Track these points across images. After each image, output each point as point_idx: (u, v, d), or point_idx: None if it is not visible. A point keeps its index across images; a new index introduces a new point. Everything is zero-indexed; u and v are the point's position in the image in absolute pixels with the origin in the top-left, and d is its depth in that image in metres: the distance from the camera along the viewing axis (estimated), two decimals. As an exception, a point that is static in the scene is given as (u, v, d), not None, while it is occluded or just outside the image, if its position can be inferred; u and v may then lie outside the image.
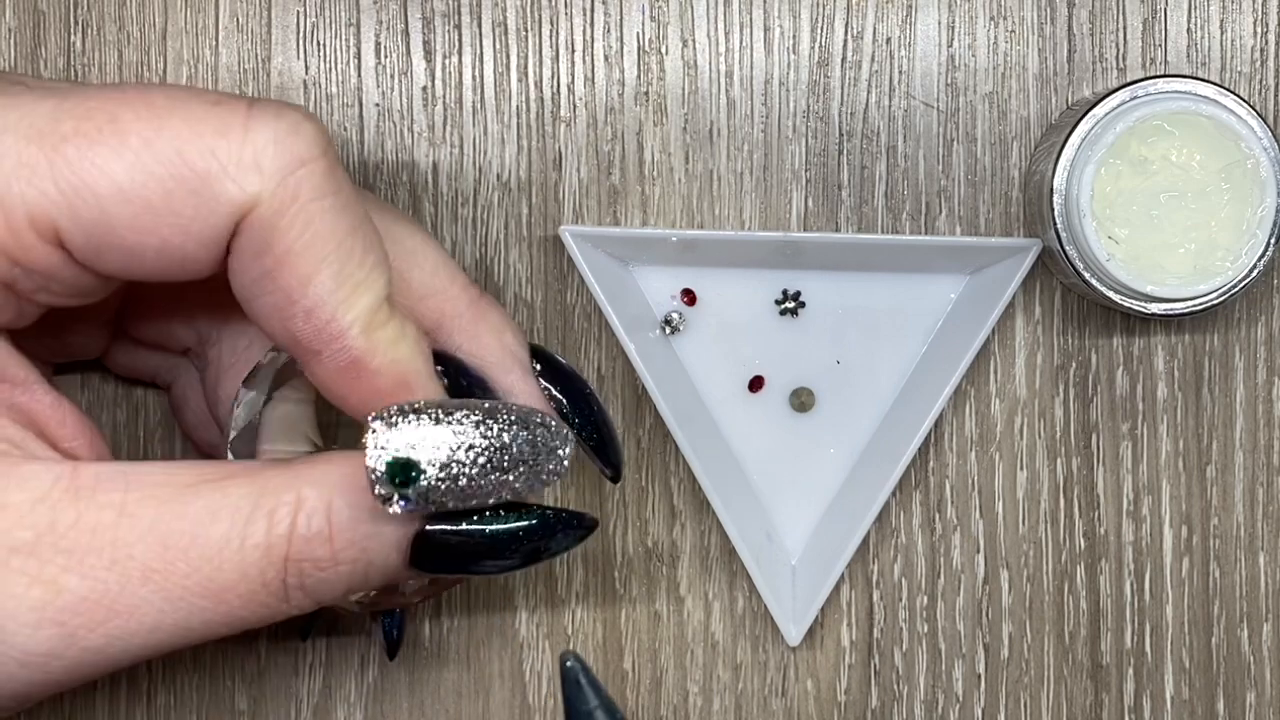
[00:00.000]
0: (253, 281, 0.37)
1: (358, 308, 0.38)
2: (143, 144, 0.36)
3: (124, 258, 0.37)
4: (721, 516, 0.49)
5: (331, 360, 0.38)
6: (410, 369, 0.39)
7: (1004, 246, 0.50)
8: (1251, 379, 0.52)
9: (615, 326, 0.49)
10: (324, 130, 0.37)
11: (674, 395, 0.50)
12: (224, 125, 0.36)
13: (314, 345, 0.38)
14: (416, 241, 0.43)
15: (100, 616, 0.36)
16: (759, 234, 0.50)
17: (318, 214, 0.37)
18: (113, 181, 0.36)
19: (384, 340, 0.38)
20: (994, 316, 0.49)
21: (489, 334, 0.43)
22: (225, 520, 0.37)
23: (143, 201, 0.36)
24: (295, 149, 0.36)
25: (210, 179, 0.36)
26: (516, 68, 0.51)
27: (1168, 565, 0.52)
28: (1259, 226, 0.48)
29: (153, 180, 0.36)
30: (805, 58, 0.51)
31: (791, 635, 0.50)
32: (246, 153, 0.36)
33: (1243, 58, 0.51)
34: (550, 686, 0.51)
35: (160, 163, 0.36)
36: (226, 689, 0.51)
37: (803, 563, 0.51)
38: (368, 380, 0.38)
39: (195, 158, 0.36)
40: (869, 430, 0.51)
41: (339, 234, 0.37)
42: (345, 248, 0.37)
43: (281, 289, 0.37)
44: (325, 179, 0.37)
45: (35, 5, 0.51)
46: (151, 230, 0.36)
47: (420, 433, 0.37)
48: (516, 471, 0.38)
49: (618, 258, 0.50)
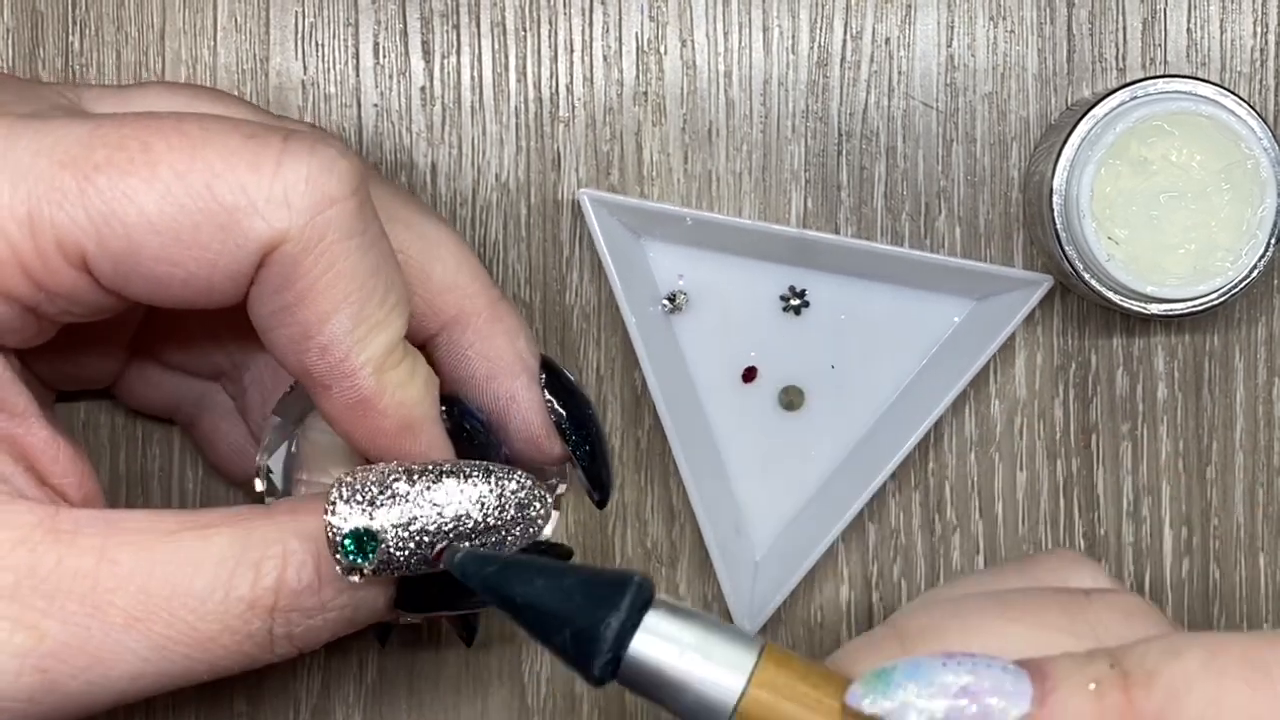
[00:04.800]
0: (271, 314, 0.37)
1: (372, 348, 0.37)
2: (174, 176, 0.35)
3: (150, 286, 0.36)
4: (694, 501, 0.49)
5: (340, 396, 0.38)
6: (417, 413, 0.39)
7: (1015, 277, 0.50)
8: (1251, 379, 0.52)
9: (619, 296, 0.49)
10: (358, 167, 0.37)
11: (666, 374, 0.50)
12: (256, 160, 0.36)
13: (325, 380, 0.38)
14: (441, 235, 0.42)
15: (82, 663, 0.36)
16: (774, 226, 0.50)
17: (343, 254, 0.36)
18: (142, 212, 0.35)
19: (393, 382, 0.38)
20: (994, 346, 0.49)
21: (502, 336, 0.43)
22: (209, 572, 0.37)
23: (171, 234, 0.36)
24: (326, 187, 0.36)
25: (239, 214, 0.36)
26: (515, 68, 0.51)
27: (1168, 566, 0.52)
28: (1259, 227, 0.48)
29: (182, 214, 0.35)
30: (804, 58, 0.51)
31: (745, 630, 0.50)
32: (277, 189, 0.36)
33: (1242, 58, 0.51)
34: (550, 688, 0.51)
35: (190, 196, 0.35)
36: (226, 689, 0.51)
37: (766, 560, 0.51)
38: (374, 420, 0.38)
39: (225, 193, 0.36)
40: (853, 439, 0.51)
41: (361, 274, 0.37)
42: (367, 288, 0.37)
43: (299, 323, 0.37)
44: (354, 219, 0.37)
45: (33, 5, 0.51)
46: (178, 262, 0.36)
47: (382, 508, 0.37)
48: (485, 537, 0.38)
49: (631, 229, 0.50)
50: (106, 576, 0.36)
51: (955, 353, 0.51)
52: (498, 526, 0.38)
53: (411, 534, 0.37)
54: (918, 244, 0.51)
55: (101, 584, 0.36)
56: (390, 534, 0.37)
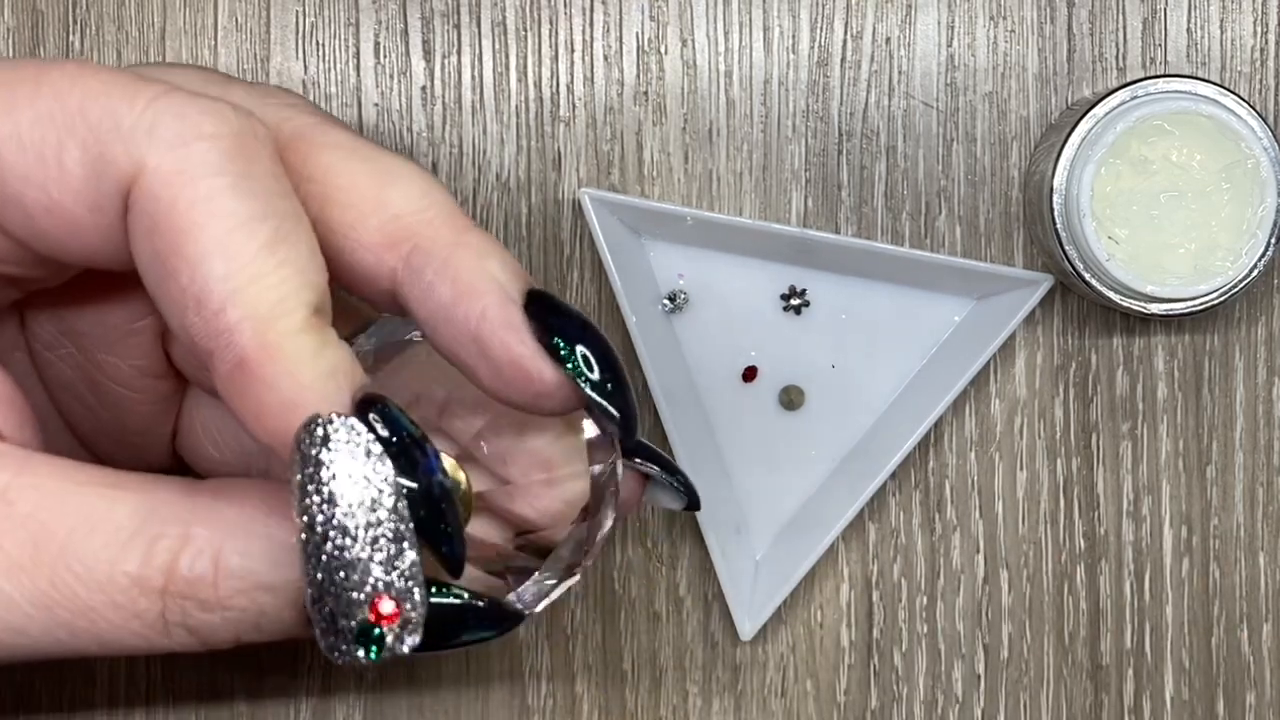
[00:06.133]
0: (147, 266, 0.34)
1: (253, 303, 0.33)
2: (52, 96, 0.34)
3: (20, 216, 0.35)
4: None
5: (221, 363, 0.33)
6: (309, 396, 0.33)
7: (1015, 277, 0.50)
8: (1251, 379, 0.52)
9: (619, 295, 0.49)
10: (255, 124, 0.34)
11: (666, 373, 0.50)
12: (135, 93, 0.34)
13: (207, 344, 0.33)
14: (403, 168, 0.37)
15: None
16: (774, 226, 0.50)
17: (213, 192, 0.33)
18: (15, 126, 0.34)
19: (288, 350, 0.33)
20: (994, 346, 0.49)
21: (470, 256, 0.36)
22: (102, 537, 0.34)
23: (35, 150, 0.34)
24: (199, 124, 0.34)
25: (104, 137, 0.34)
26: (516, 68, 0.51)
27: (1168, 565, 0.52)
28: (1259, 226, 0.48)
29: (50, 131, 0.34)
30: (805, 57, 0.51)
31: (745, 630, 0.50)
32: (145, 118, 0.34)
33: (1243, 57, 0.51)
34: (550, 687, 0.51)
35: (62, 114, 0.34)
36: (226, 689, 0.51)
37: (766, 560, 0.51)
38: (257, 391, 0.33)
39: (94, 114, 0.34)
40: (853, 438, 0.51)
41: (239, 216, 0.33)
42: (245, 231, 0.33)
43: (171, 274, 0.33)
44: (228, 157, 0.33)
45: (34, 5, 0.51)
46: (39, 184, 0.34)
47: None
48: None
49: (632, 228, 0.50)
50: (1, 517, 0.34)
51: (955, 352, 0.51)
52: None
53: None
54: (918, 243, 0.51)
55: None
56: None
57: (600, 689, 0.51)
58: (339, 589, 0.32)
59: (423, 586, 0.33)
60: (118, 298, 0.41)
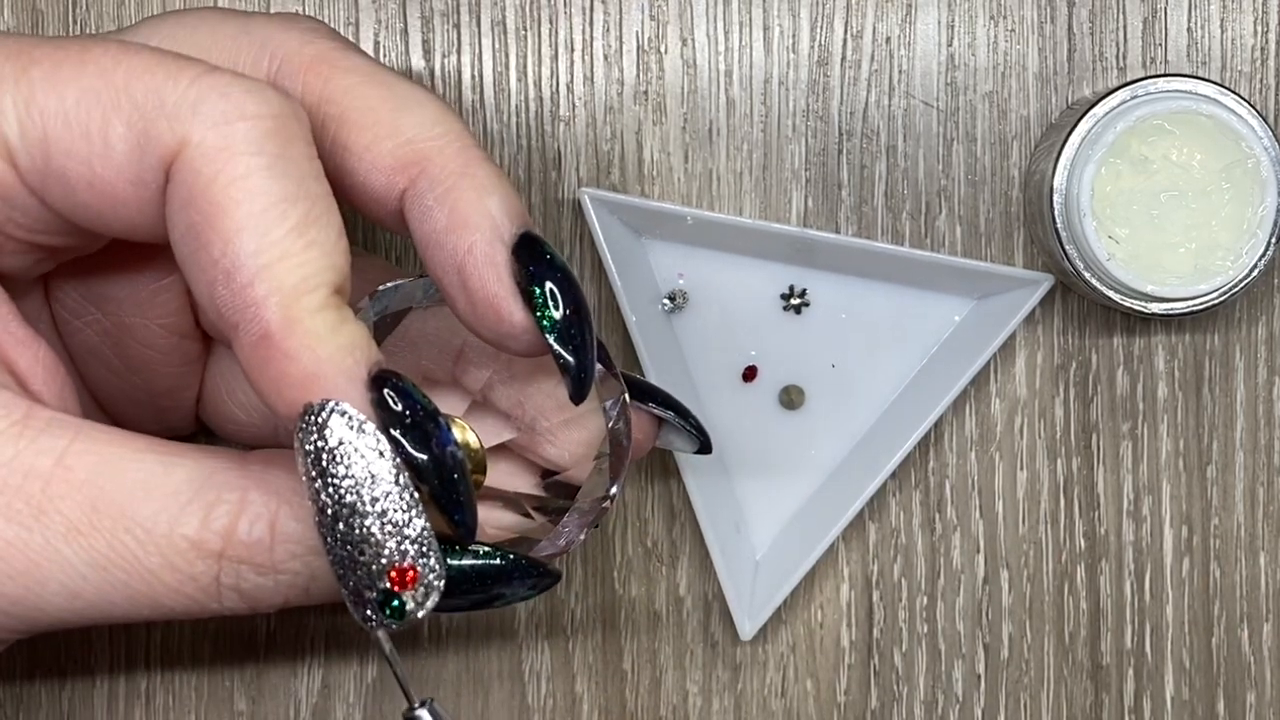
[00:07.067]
0: (181, 238, 0.35)
1: (280, 278, 0.34)
2: (98, 72, 0.35)
3: (62, 190, 0.36)
4: (694, 501, 0.49)
5: (246, 335, 0.34)
6: (328, 368, 0.34)
7: (1015, 277, 0.50)
8: (1252, 379, 0.52)
9: (619, 295, 0.49)
10: (294, 107, 0.36)
11: (666, 373, 0.50)
12: (179, 70, 0.35)
13: (232, 316, 0.35)
14: (420, 95, 0.39)
15: (20, 566, 0.35)
16: (774, 225, 0.50)
17: (251, 170, 0.34)
18: (61, 101, 0.35)
19: (309, 326, 0.34)
20: (994, 346, 0.49)
21: (471, 190, 0.38)
22: (159, 501, 0.35)
23: (81, 127, 0.35)
24: (243, 104, 0.35)
25: (148, 114, 0.35)
26: (515, 67, 0.51)
27: (1168, 565, 0.52)
28: (1259, 226, 0.48)
29: (96, 108, 0.35)
30: (805, 57, 0.51)
31: (745, 629, 0.50)
32: (189, 95, 0.35)
33: (1243, 57, 0.51)
34: (550, 687, 0.51)
35: (107, 90, 0.35)
36: (226, 689, 0.51)
37: (767, 559, 0.51)
38: (278, 363, 0.34)
39: (139, 92, 0.35)
40: (853, 438, 0.51)
41: (273, 195, 0.34)
42: (278, 211, 0.34)
43: (204, 246, 0.34)
44: (268, 138, 0.35)
45: (34, 5, 0.51)
46: (84, 159, 0.35)
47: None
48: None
49: (632, 228, 0.50)
50: (59, 481, 0.35)
51: (955, 352, 0.51)
52: None
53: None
54: (918, 243, 0.51)
55: (52, 488, 0.35)
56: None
57: (600, 689, 0.51)
58: (357, 563, 0.34)
59: (437, 551, 0.35)
60: (146, 258, 0.42)
